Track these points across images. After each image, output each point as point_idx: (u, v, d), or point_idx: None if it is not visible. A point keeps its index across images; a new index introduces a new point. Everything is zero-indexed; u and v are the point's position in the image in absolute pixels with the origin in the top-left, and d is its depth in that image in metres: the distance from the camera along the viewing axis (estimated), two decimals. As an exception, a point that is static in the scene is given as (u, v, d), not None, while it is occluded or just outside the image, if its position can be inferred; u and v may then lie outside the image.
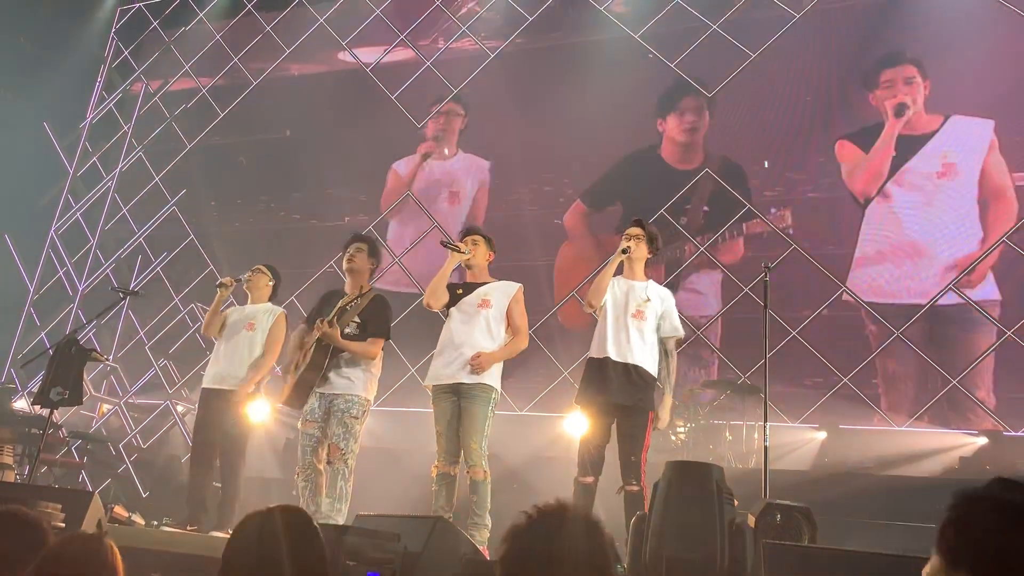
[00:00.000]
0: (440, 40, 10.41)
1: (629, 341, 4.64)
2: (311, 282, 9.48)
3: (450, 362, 4.80)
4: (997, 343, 7.11)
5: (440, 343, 4.94)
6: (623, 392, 4.57)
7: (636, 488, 4.47)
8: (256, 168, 10.77)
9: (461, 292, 4.96)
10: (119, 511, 5.41)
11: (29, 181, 11.40)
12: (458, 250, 4.93)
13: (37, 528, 2.39)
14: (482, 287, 4.96)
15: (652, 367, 4.68)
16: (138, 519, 5.64)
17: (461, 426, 4.73)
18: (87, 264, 11.18)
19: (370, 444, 6.58)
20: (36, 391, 5.77)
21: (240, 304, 6.09)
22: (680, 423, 7.13)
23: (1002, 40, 7.84)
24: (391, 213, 9.92)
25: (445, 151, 10.02)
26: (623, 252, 4.72)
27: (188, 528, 5.40)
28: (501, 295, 4.93)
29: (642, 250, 4.83)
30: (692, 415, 7.12)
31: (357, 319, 5.08)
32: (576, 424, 5.07)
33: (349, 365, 5.03)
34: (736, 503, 3.62)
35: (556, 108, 9.14)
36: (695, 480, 3.57)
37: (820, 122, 8.32)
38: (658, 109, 9.00)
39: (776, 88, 8.57)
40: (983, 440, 6.79)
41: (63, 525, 4.22)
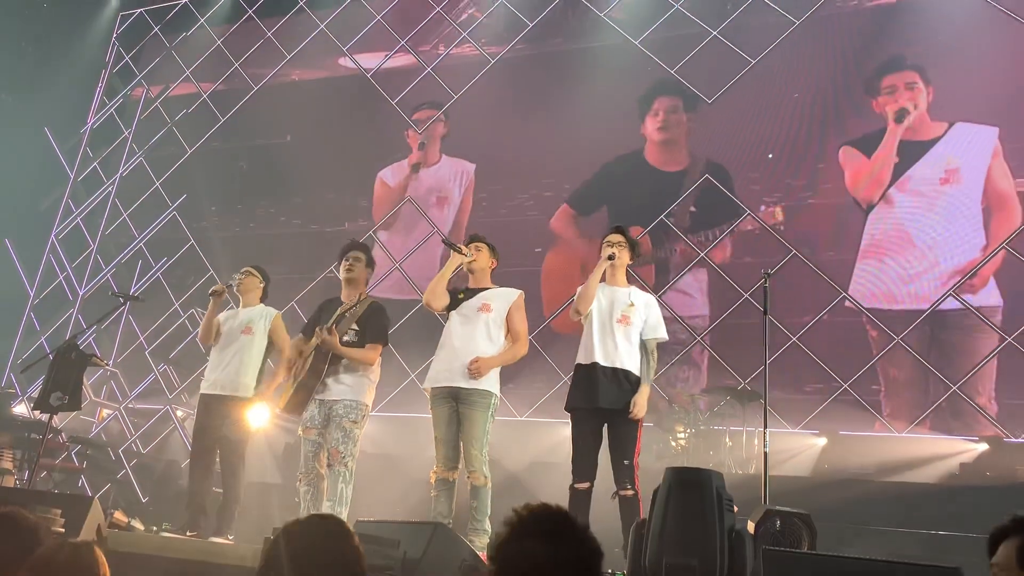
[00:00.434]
0: (441, 46, 10.43)
1: (616, 347, 4.68)
2: (311, 287, 9.48)
3: (449, 365, 4.81)
4: (998, 348, 7.10)
5: (439, 346, 4.96)
6: (612, 396, 4.60)
7: (630, 492, 4.49)
8: (256, 173, 10.78)
9: (462, 296, 4.98)
10: (119, 516, 5.42)
11: (30, 186, 11.43)
12: (459, 251, 4.96)
13: (33, 531, 2.39)
14: (483, 292, 4.98)
15: (639, 371, 4.72)
16: (138, 524, 5.64)
17: (461, 432, 4.74)
18: (87, 269, 11.19)
19: (370, 449, 6.59)
20: (36, 396, 5.78)
21: (232, 304, 6.08)
22: (680, 429, 7.13)
23: (1005, 47, 7.84)
24: (385, 224, 9.90)
25: (429, 158, 10.04)
26: (609, 259, 4.77)
27: (188, 533, 5.40)
28: (502, 301, 4.95)
29: (624, 257, 4.88)
30: (692, 421, 7.12)
31: (355, 326, 5.11)
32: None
33: (348, 372, 5.05)
34: (736, 509, 3.62)
35: (554, 113, 9.15)
36: (695, 486, 3.56)
37: (820, 128, 8.31)
38: (638, 111, 9.03)
39: (776, 94, 8.57)
40: (984, 446, 6.78)
41: (63, 530, 4.22)
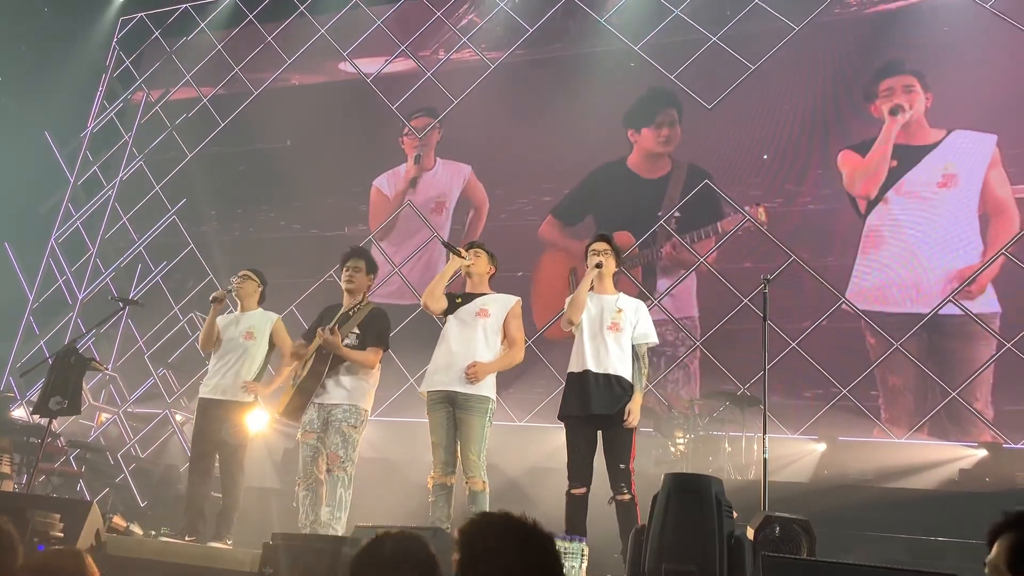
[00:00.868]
0: (441, 51, 10.44)
1: (608, 353, 4.71)
2: (310, 292, 9.49)
3: (446, 369, 4.82)
4: (997, 355, 7.10)
5: (436, 350, 4.97)
6: (605, 403, 4.62)
7: (627, 496, 4.50)
8: (256, 178, 10.79)
9: (460, 301, 5.00)
10: (117, 521, 5.41)
11: (30, 189, 11.42)
12: (458, 253, 4.98)
13: (6, 536, 2.40)
14: (481, 297, 5.00)
15: (631, 377, 4.74)
16: (136, 529, 5.64)
17: (459, 437, 4.75)
18: (87, 273, 11.19)
19: (368, 454, 6.57)
20: (35, 400, 5.77)
21: (231, 308, 6.08)
22: (679, 434, 7.13)
23: (1004, 54, 7.85)
24: (381, 234, 9.90)
25: (425, 164, 10.05)
26: (597, 267, 4.82)
27: (186, 538, 5.39)
28: (499, 307, 4.97)
29: (611, 264, 4.93)
30: (691, 426, 7.11)
31: (356, 330, 5.13)
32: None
33: (348, 375, 5.06)
34: (735, 515, 3.62)
35: (553, 118, 9.15)
36: (694, 492, 3.57)
37: (819, 134, 8.33)
38: (631, 119, 9.04)
39: (775, 99, 8.58)
40: (983, 452, 6.78)
41: (62, 535, 4.22)
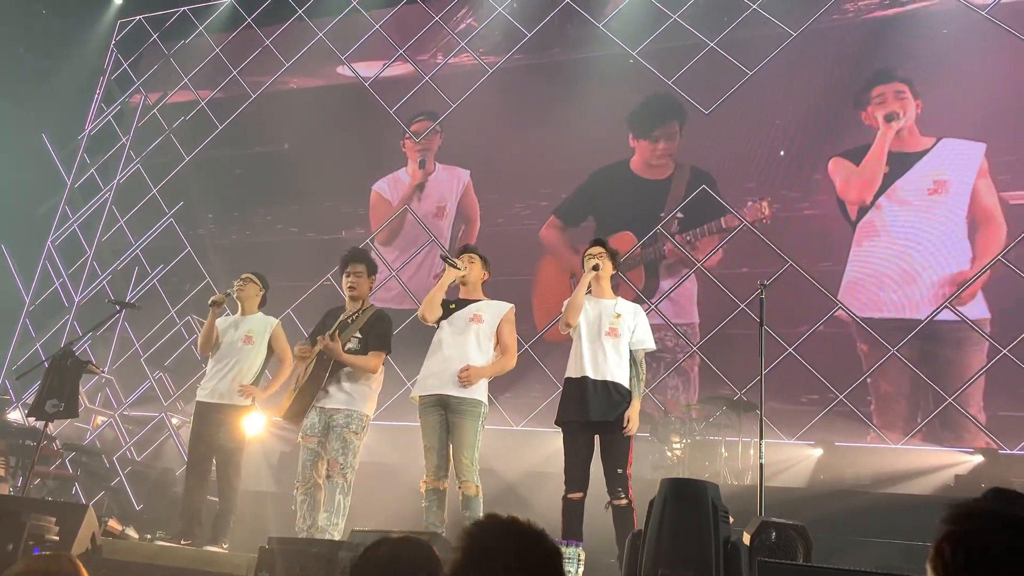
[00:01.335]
0: (439, 55, 10.45)
1: (606, 359, 4.71)
2: (307, 295, 9.48)
3: (439, 373, 4.83)
4: (992, 361, 7.11)
5: (429, 355, 4.98)
6: (603, 408, 4.62)
7: (624, 501, 4.50)
8: (253, 181, 10.79)
9: (454, 307, 5.02)
10: (113, 524, 5.41)
11: (27, 192, 11.41)
12: (455, 266, 4.99)
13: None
14: (475, 303, 5.02)
15: (628, 383, 4.74)
16: (132, 532, 5.63)
17: (452, 441, 4.76)
18: (83, 275, 11.17)
19: (365, 459, 6.55)
20: (31, 403, 5.76)
21: (230, 312, 6.07)
22: (676, 439, 7.13)
23: (995, 63, 7.89)
24: (384, 239, 9.89)
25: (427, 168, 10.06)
26: (594, 270, 4.82)
27: (182, 542, 5.38)
28: (493, 313, 4.98)
29: (608, 267, 4.93)
30: (688, 431, 7.12)
31: (358, 334, 5.12)
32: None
33: (349, 380, 5.05)
34: (731, 520, 3.62)
35: (551, 123, 9.16)
36: (690, 497, 3.56)
37: (818, 139, 8.35)
38: (633, 124, 9.05)
39: (771, 105, 8.60)
40: (979, 458, 6.79)
41: (57, 538, 4.21)
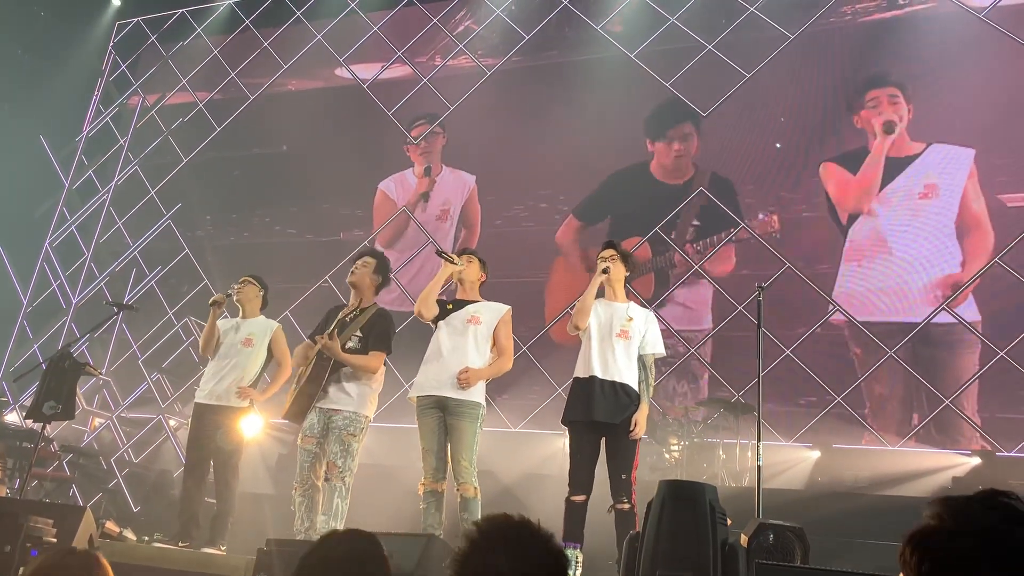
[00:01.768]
0: (437, 58, 10.46)
1: (616, 360, 4.70)
2: (305, 297, 9.48)
3: (437, 375, 4.82)
4: (989, 364, 7.12)
5: (426, 356, 4.96)
6: (611, 410, 4.61)
7: (627, 506, 4.50)
8: (252, 183, 10.79)
9: (451, 308, 5.01)
10: (110, 526, 5.40)
11: (24, 193, 11.40)
12: (451, 261, 4.98)
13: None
14: (472, 304, 5.01)
15: (637, 386, 4.73)
16: (129, 534, 5.62)
17: (450, 443, 4.75)
18: (81, 277, 11.17)
19: (363, 460, 6.55)
20: (29, 405, 5.75)
21: (230, 315, 6.07)
22: (674, 441, 7.13)
23: (986, 68, 7.91)
24: (389, 241, 9.89)
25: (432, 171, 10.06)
26: (604, 272, 4.81)
27: (180, 544, 5.38)
28: (490, 315, 4.98)
29: (620, 270, 4.92)
30: (686, 433, 7.12)
31: (359, 333, 5.08)
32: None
33: (349, 380, 5.03)
34: (729, 522, 3.62)
35: (550, 125, 9.17)
36: (688, 499, 3.57)
37: (817, 141, 8.36)
38: (647, 130, 9.04)
39: (771, 107, 8.62)
40: (976, 460, 6.80)
41: (55, 540, 4.20)
